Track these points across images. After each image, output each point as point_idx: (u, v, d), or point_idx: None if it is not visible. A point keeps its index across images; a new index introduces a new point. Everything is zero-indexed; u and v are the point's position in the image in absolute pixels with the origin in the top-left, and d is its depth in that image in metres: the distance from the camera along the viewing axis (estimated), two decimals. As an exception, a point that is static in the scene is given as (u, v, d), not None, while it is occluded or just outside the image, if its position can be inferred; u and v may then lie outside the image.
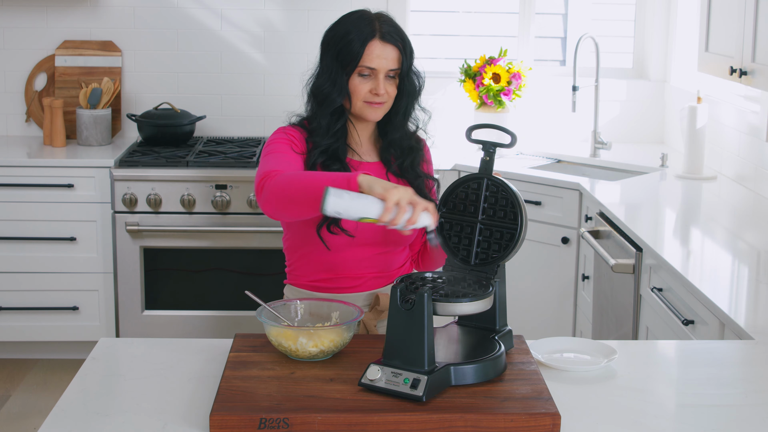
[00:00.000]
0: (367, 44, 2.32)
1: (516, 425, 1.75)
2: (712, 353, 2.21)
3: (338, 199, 1.95)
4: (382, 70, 2.34)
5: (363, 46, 2.32)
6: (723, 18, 3.41)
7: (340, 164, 2.37)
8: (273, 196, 2.15)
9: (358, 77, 2.34)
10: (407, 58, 2.38)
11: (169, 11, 4.77)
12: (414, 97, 2.43)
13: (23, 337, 4.41)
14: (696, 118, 4.01)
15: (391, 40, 2.34)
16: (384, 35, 2.34)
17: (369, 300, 2.44)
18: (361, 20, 2.35)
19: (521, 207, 2.03)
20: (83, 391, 1.93)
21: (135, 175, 4.22)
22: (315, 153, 2.36)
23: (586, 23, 5.04)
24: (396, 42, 2.35)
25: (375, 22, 2.35)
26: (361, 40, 2.32)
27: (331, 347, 2.00)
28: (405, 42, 2.38)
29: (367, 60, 2.32)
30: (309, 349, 1.98)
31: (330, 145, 2.37)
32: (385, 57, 2.33)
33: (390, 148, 2.44)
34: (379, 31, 2.34)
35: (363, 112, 2.37)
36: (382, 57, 2.33)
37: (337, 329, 2.00)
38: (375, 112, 2.37)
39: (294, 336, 1.98)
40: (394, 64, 2.35)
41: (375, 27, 2.34)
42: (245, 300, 2.35)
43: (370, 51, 2.32)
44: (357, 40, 2.32)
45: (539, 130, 4.88)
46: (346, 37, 2.33)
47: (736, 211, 3.62)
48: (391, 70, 2.35)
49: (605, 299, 3.55)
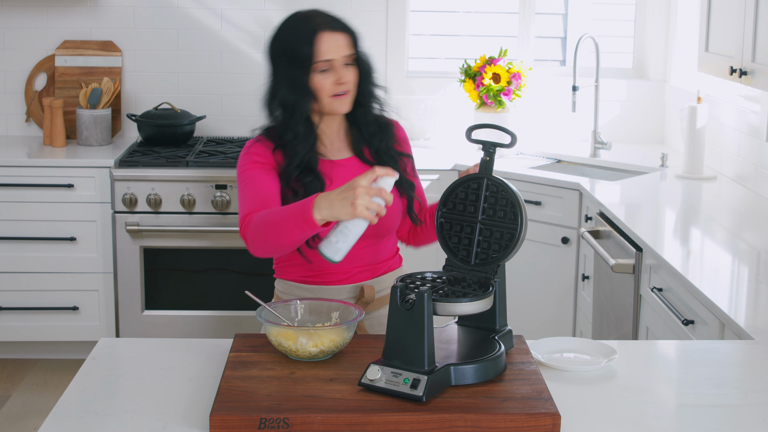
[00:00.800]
0: (315, 38, 2.30)
1: (516, 425, 1.75)
2: (712, 353, 2.21)
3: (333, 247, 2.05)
4: (338, 59, 2.32)
5: (312, 42, 2.30)
6: (723, 18, 3.41)
7: (313, 175, 2.34)
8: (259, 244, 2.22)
9: (318, 74, 2.32)
10: (357, 40, 2.37)
11: (169, 11, 4.78)
12: (371, 78, 2.41)
13: (23, 337, 4.41)
14: (696, 118, 4.01)
15: (337, 27, 2.34)
16: (330, 25, 2.33)
17: (354, 292, 2.43)
18: (300, 21, 2.35)
19: (521, 207, 2.03)
20: (83, 391, 1.93)
21: (135, 175, 4.22)
22: (292, 168, 2.34)
23: (586, 23, 5.04)
24: (342, 28, 2.35)
25: (314, 18, 2.34)
26: (308, 38, 2.30)
27: (331, 347, 2.00)
28: (349, 26, 2.37)
29: (321, 53, 2.30)
30: (309, 349, 1.98)
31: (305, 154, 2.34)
32: (337, 45, 2.32)
33: (362, 139, 2.42)
34: (321, 24, 2.33)
35: (332, 106, 2.35)
36: (334, 46, 2.32)
37: (337, 329, 2.00)
38: (344, 104, 2.36)
39: (294, 336, 1.98)
40: (348, 49, 2.34)
41: (316, 21, 2.33)
42: (245, 300, 2.35)
43: (321, 44, 2.31)
44: (305, 39, 2.30)
45: (539, 130, 4.88)
46: (293, 41, 2.32)
47: (736, 211, 3.62)
48: (346, 56, 2.34)
49: (605, 299, 3.55)
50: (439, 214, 2.11)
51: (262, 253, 2.24)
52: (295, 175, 2.34)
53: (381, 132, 2.43)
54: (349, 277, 2.44)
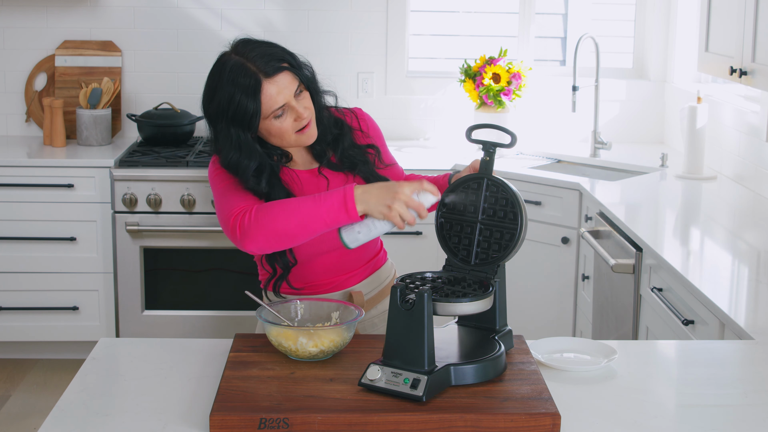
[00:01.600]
0: (260, 93, 2.13)
1: (516, 425, 1.75)
2: (712, 353, 2.21)
3: (354, 236, 2.09)
4: (290, 100, 2.17)
5: (257, 99, 2.13)
6: (723, 18, 3.41)
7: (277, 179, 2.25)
8: (262, 234, 2.10)
9: (275, 120, 2.17)
10: (297, 67, 2.19)
11: (169, 11, 4.78)
12: (315, 84, 2.26)
13: (23, 337, 4.41)
14: (696, 118, 4.01)
15: (277, 71, 2.15)
16: (268, 72, 2.14)
17: (344, 298, 2.39)
18: (234, 71, 2.14)
19: (521, 207, 2.03)
20: (83, 391, 1.93)
21: (135, 175, 4.22)
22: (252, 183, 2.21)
23: (586, 23, 5.04)
24: (280, 67, 2.15)
25: (247, 64, 2.14)
26: (251, 94, 2.13)
27: (331, 347, 2.00)
28: (284, 54, 2.19)
29: (270, 105, 2.15)
30: (309, 349, 1.98)
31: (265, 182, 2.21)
32: (283, 88, 2.15)
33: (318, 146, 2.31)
34: (260, 71, 2.14)
35: (300, 141, 2.23)
36: (281, 91, 2.15)
37: (337, 329, 2.00)
38: (310, 135, 2.23)
39: (294, 336, 1.98)
40: (294, 84, 2.17)
41: (252, 69, 2.13)
42: (245, 300, 2.35)
43: (268, 96, 2.14)
44: (247, 97, 2.13)
45: (539, 130, 4.88)
46: (233, 100, 2.14)
47: (736, 211, 3.62)
48: (295, 92, 2.18)
49: (605, 299, 3.55)
50: (439, 214, 2.11)
51: (265, 243, 2.12)
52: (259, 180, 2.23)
53: (340, 135, 2.33)
54: (336, 286, 2.39)
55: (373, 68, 4.86)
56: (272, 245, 2.13)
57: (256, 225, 2.11)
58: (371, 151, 2.37)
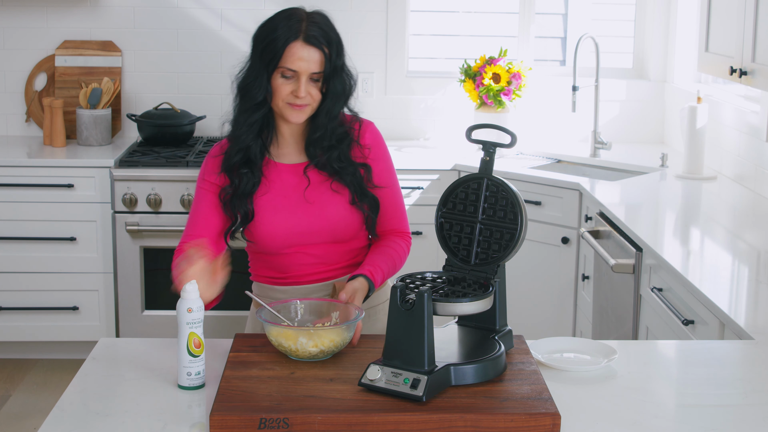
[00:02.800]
0: (289, 45, 2.26)
1: (516, 425, 1.75)
2: (712, 353, 2.21)
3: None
4: (303, 73, 2.27)
5: (284, 47, 2.26)
6: (723, 18, 3.41)
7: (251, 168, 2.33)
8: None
9: (281, 78, 2.28)
10: (331, 61, 2.29)
11: (169, 11, 4.78)
12: (340, 99, 2.34)
13: (23, 337, 4.41)
14: (696, 118, 4.01)
15: (315, 43, 2.27)
16: (308, 38, 2.26)
17: (328, 290, 2.41)
18: (290, 19, 2.29)
19: (521, 207, 2.03)
20: (83, 391, 1.93)
21: (135, 175, 4.22)
22: (233, 152, 2.33)
23: (586, 23, 5.04)
24: (320, 45, 2.27)
25: (303, 23, 2.28)
26: (284, 40, 2.26)
27: (331, 347, 2.00)
28: (331, 45, 2.30)
29: (288, 61, 2.26)
30: (309, 349, 1.98)
31: (247, 143, 2.33)
32: (306, 60, 2.26)
33: (310, 147, 2.37)
34: (304, 32, 2.26)
35: (284, 112, 2.31)
36: (303, 59, 2.26)
37: (337, 329, 2.00)
38: (296, 114, 2.31)
39: (294, 336, 1.99)
40: (317, 66, 2.28)
41: (301, 28, 2.27)
42: (245, 300, 2.35)
43: (292, 53, 2.26)
44: (280, 40, 2.26)
45: (539, 130, 4.88)
46: (271, 35, 2.28)
47: (736, 211, 3.62)
48: (314, 73, 2.28)
49: (605, 299, 3.55)
50: (439, 214, 2.11)
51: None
52: (236, 164, 2.33)
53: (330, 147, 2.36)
54: (317, 278, 2.40)
55: (373, 68, 4.85)
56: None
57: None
58: (361, 171, 2.38)
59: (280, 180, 2.37)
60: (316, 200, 2.35)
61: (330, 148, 2.35)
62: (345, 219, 2.35)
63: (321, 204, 2.35)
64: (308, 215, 2.35)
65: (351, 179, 2.36)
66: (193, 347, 1.93)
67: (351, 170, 2.36)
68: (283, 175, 2.37)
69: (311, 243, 2.36)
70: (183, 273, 2.04)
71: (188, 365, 1.93)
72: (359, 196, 2.36)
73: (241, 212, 2.35)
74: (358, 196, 2.36)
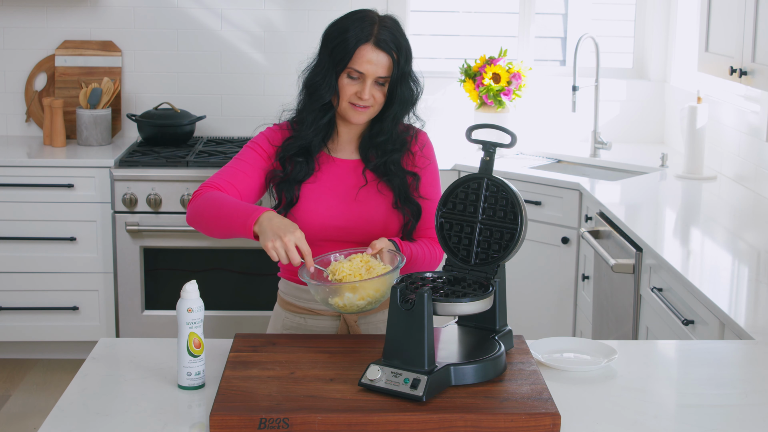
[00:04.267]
0: (359, 47, 2.30)
1: (516, 425, 1.75)
2: (712, 353, 2.21)
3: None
4: (370, 76, 2.31)
5: (354, 49, 2.30)
6: (723, 18, 3.41)
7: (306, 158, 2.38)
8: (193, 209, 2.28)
9: (347, 78, 2.33)
10: (399, 67, 2.33)
11: (169, 11, 4.78)
12: (407, 105, 2.39)
13: (23, 337, 4.41)
14: (696, 118, 4.01)
15: (384, 48, 2.31)
16: (379, 41, 2.30)
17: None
18: (362, 21, 2.33)
19: (521, 207, 2.03)
20: (83, 391, 1.93)
21: (135, 175, 4.22)
22: (292, 146, 2.38)
23: (586, 23, 5.04)
24: (389, 50, 2.31)
25: (375, 26, 2.32)
26: (355, 41, 2.30)
27: (377, 296, 2.06)
28: (400, 50, 2.33)
29: (356, 63, 2.30)
30: (356, 302, 2.04)
31: (310, 140, 2.38)
32: (375, 63, 2.31)
33: (371, 148, 2.42)
34: (375, 36, 2.30)
35: (347, 113, 2.36)
36: (372, 63, 2.30)
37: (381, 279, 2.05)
38: (358, 116, 2.36)
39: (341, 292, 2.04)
40: (384, 71, 2.32)
41: (372, 31, 2.31)
42: (245, 300, 2.36)
43: (361, 55, 2.30)
44: (351, 41, 2.30)
45: (539, 130, 4.88)
46: (343, 35, 2.32)
47: (736, 211, 3.62)
48: (380, 77, 2.33)
49: (605, 299, 3.55)
50: (439, 214, 2.11)
51: (191, 217, 2.30)
52: (291, 154, 2.38)
53: (389, 152, 2.41)
54: None
55: (373, 68, 4.85)
56: (194, 221, 2.30)
57: (196, 200, 2.29)
58: (409, 179, 2.43)
59: (330, 172, 2.41)
60: (362, 199, 2.39)
61: (389, 152, 2.41)
62: (384, 221, 2.39)
63: (365, 203, 2.39)
64: (350, 212, 2.38)
65: (399, 183, 2.40)
66: (193, 347, 1.93)
67: (401, 176, 2.41)
68: (333, 169, 2.42)
69: (344, 240, 2.38)
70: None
71: (188, 365, 1.93)
72: (402, 201, 2.40)
73: (287, 197, 2.38)
74: (401, 200, 2.40)
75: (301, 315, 2.44)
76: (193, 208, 2.28)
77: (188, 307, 1.94)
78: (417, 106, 2.43)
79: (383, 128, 2.40)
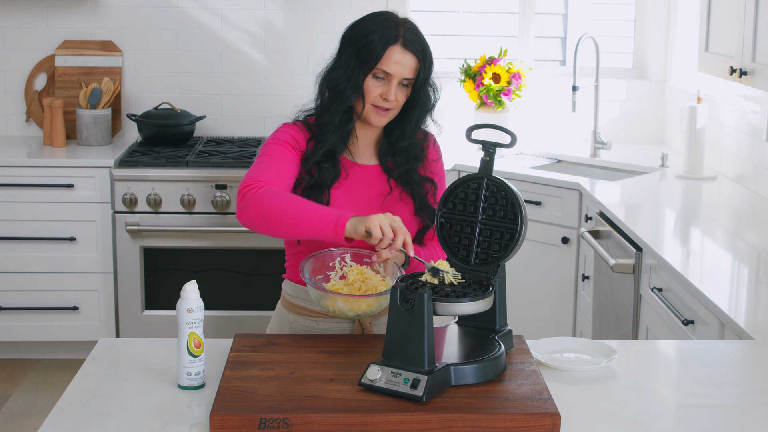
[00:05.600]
0: (388, 48, 2.30)
1: (516, 425, 1.75)
2: (712, 353, 2.21)
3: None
4: (396, 77, 2.31)
5: (384, 49, 2.30)
6: (723, 18, 3.41)
7: (332, 163, 2.36)
8: (253, 212, 2.18)
9: (372, 79, 2.32)
10: (425, 69, 2.34)
11: (169, 11, 4.78)
12: (427, 109, 2.41)
13: (23, 337, 4.41)
14: (696, 118, 4.01)
15: (412, 49, 2.31)
16: (407, 42, 2.31)
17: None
18: (387, 22, 2.33)
19: (521, 207, 2.03)
20: (83, 391, 1.93)
21: (135, 175, 4.22)
22: (318, 153, 2.36)
23: (586, 23, 5.04)
24: (417, 51, 2.32)
25: (400, 27, 2.32)
26: (383, 42, 2.30)
27: (367, 311, 2.10)
28: (425, 52, 2.34)
29: (384, 63, 2.30)
30: (346, 312, 2.09)
31: (334, 143, 2.36)
32: (402, 64, 2.31)
33: (393, 154, 2.42)
34: (402, 37, 2.31)
35: (369, 115, 2.36)
36: (400, 64, 2.31)
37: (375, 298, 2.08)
38: (380, 118, 2.36)
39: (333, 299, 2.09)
40: (410, 73, 2.33)
41: (399, 32, 2.31)
42: (245, 300, 2.36)
43: (390, 55, 2.30)
44: (379, 42, 2.30)
45: (539, 130, 4.88)
46: (369, 37, 2.31)
47: (736, 211, 3.62)
48: (405, 79, 2.33)
49: (605, 299, 3.55)
50: (439, 214, 2.11)
51: (256, 225, 2.20)
52: (316, 160, 2.36)
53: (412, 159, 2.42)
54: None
55: (373, 68, 4.85)
56: (259, 224, 2.19)
57: (256, 200, 2.18)
58: (427, 185, 2.44)
59: (355, 178, 2.41)
60: (387, 207, 2.39)
61: (412, 159, 2.41)
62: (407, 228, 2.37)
63: (390, 210, 2.37)
64: None
65: (419, 191, 2.41)
66: (193, 347, 1.93)
67: (421, 183, 2.42)
68: (357, 175, 2.41)
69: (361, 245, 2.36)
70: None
71: (188, 365, 1.93)
72: (422, 207, 2.41)
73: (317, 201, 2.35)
74: (422, 206, 2.41)
75: (313, 318, 2.42)
76: (256, 206, 2.17)
77: (188, 307, 1.94)
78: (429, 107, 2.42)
79: (405, 132, 2.40)
